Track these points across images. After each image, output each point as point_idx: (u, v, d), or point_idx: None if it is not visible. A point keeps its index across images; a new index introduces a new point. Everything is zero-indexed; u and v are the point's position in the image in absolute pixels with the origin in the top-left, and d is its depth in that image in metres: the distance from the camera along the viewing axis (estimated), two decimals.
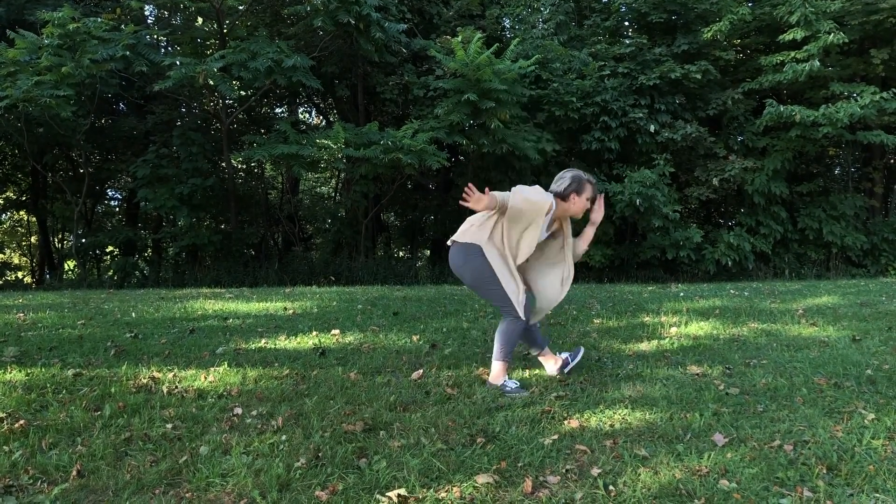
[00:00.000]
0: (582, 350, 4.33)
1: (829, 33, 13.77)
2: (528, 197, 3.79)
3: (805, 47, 14.07)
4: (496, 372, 4.02)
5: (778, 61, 14.54)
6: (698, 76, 14.85)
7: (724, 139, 15.82)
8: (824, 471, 2.75)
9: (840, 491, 2.58)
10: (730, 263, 14.75)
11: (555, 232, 4.24)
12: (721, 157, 15.48)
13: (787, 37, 14.24)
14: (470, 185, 3.66)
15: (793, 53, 14.27)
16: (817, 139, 14.39)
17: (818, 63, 13.69)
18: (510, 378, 4.09)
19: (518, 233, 3.93)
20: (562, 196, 4.08)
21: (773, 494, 2.56)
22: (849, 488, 2.60)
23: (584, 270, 15.73)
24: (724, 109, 15.58)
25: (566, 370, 4.28)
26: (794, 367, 4.42)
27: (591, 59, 15.75)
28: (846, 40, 13.80)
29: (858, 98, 13.95)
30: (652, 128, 15.07)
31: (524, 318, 4.01)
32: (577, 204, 4.09)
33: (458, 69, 13.20)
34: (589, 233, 4.21)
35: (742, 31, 16.08)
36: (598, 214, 4.22)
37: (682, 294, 8.78)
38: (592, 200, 4.16)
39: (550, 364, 4.35)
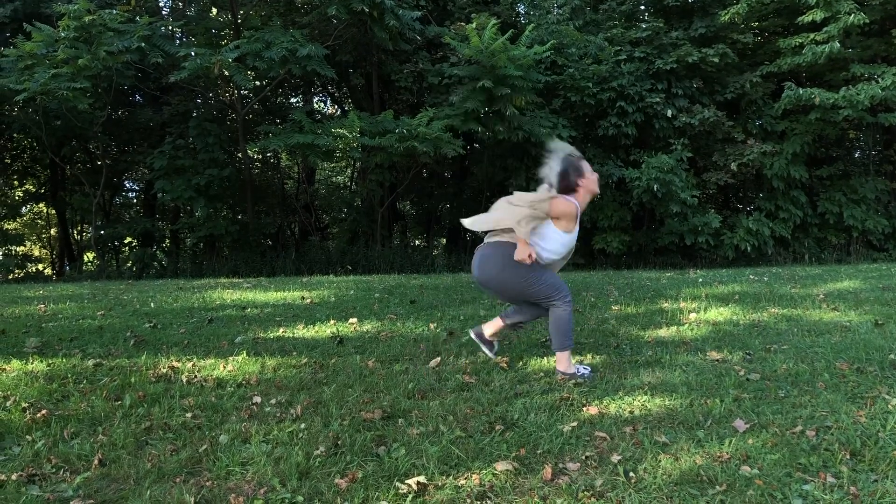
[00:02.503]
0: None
1: (850, 14, 13.53)
2: (565, 211, 3.84)
3: (825, 28, 13.85)
4: (565, 362, 3.95)
5: (797, 43, 14.33)
6: (716, 60, 14.67)
7: (742, 123, 15.64)
8: (848, 456, 2.71)
9: (864, 477, 2.54)
10: (749, 249, 14.62)
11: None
12: (739, 141, 15.31)
13: (807, 18, 14.02)
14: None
15: (812, 35, 14.05)
16: (837, 122, 14.19)
17: (838, 44, 13.47)
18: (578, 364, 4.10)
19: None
20: (573, 189, 3.96)
21: (796, 480, 2.53)
22: (873, 474, 2.56)
23: (601, 257, 15.66)
24: (743, 93, 15.39)
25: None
26: (816, 353, 4.37)
27: (606, 44, 15.60)
28: (867, 21, 13.56)
29: (880, 79, 13.70)
30: (669, 112, 14.93)
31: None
32: (589, 185, 3.99)
33: (472, 56, 13.13)
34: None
35: (760, 13, 15.84)
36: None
37: (700, 280, 8.72)
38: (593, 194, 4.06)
39: (491, 340, 4.35)
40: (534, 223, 3.82)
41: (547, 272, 3.95)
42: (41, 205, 21.19)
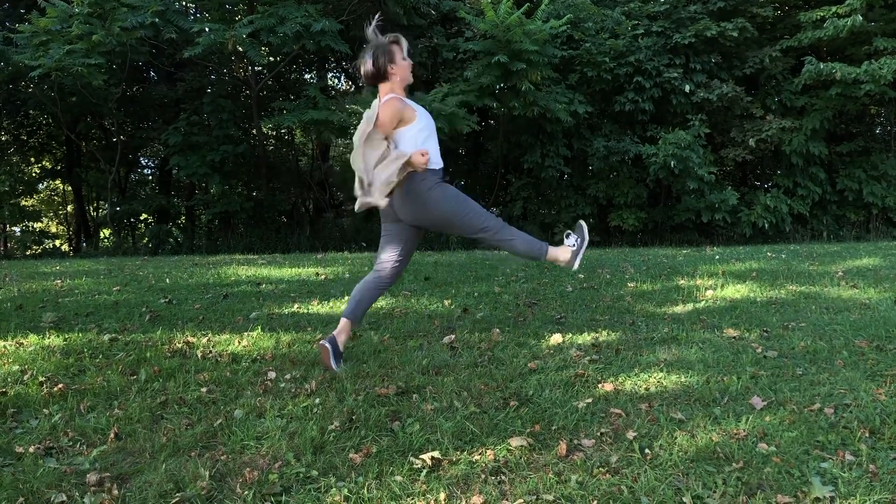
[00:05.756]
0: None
1: None
2: (393, 113, 3.54)
3: (847, 1, 13.56)
4: (561, 253, 3.80)
5: (818, 17, 14.06)
6: (735, 34, 14.43)
7: (761, 99, 15.41)
8: (867, 434, 2.68)
9: (883, 455, 2.51)
10: (766, 226, 14.49)
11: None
12: (758, 117, 15.10)
13: None
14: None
15: (834, 8, 13.78)
16: (858, 97, 13.95)
17: (861, 18, 13.21)
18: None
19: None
20: (385, 78, 3.60)
21: (814, 458, 2.50)
22: (892, 452, 2.53)
23: (616, 234, 15.59)
24: (762, 68, 15.14)
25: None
26: (834, 330, 4.33)
27: (624, 18, 15.39)
28: None
29: None
30: (687, 88, 14.73)
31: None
32: (402, 71, 3.62)
33: (488, 30, 13.00)
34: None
35: None
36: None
37: (717, 257, 8.65)
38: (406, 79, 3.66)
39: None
40: (384, 144, 3.51)
41: (450, 187, 3.71)
42: (57, 181, 21.29)
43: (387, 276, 3.84)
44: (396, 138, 3.60)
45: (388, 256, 3.84)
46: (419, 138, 3.62)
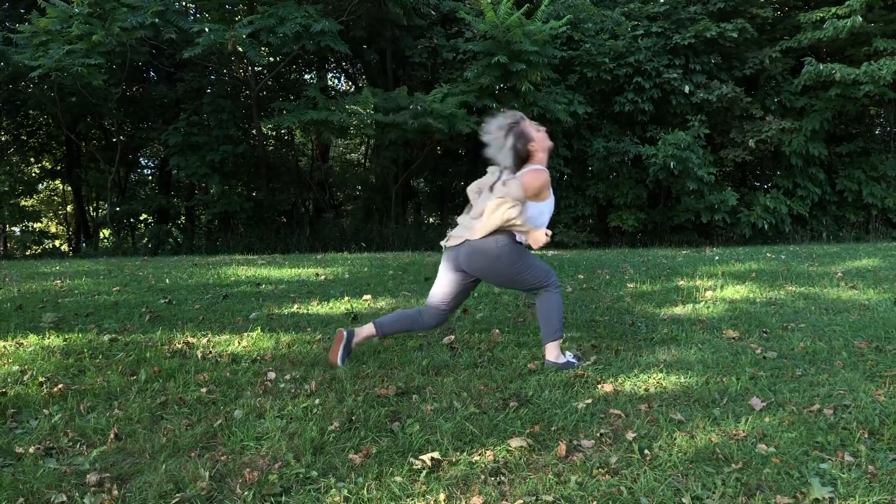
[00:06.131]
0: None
1: None
2: (538, 184, 3.63)
3: (847, 2, 13.59)
4: (555, 351, 3.70)
5: (818, 18, 14.07)
6: (734, 35, 14.44)
7: (760, 99, 15.42)
8: (866, 435, 2.68)
9: (882, 456, 2.51)
10: (766, 227, 14.50)
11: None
12: (758, 117, 15.11)
13: None
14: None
15: (834, 9, 13.79)
16: (858, 98, 13.97)
17: (860, 18, 13.22)
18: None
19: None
20: (528, 158, 3.68)
21: (813, 459, 2.50)
22: (891, 453, 2.54)
23: (616, 235, 15.59)
24: (762, 69, 15.16)
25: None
26: (834, 331, 4.33)
27: (623, 19, 15.41)
28: None
29: None
30: (686, 88, 14.75)
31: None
32: (542, 143, 3.68)
33: (487, 31, 13.01)
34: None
35: None
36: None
37: (717, 258, 8.65)
38: (547, 151, 3.72)
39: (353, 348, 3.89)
40: (518, 208, 3.55)
41: (534, 257, 3.75)
42: (57, 181, 21.29)
43: (429, 318, 3.81)
44: (526, 206, 3.62)
45: (438, 301, 3.80)
46: (541, 219, 3.68)
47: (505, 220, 3.49)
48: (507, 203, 3.50)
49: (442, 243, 3.82)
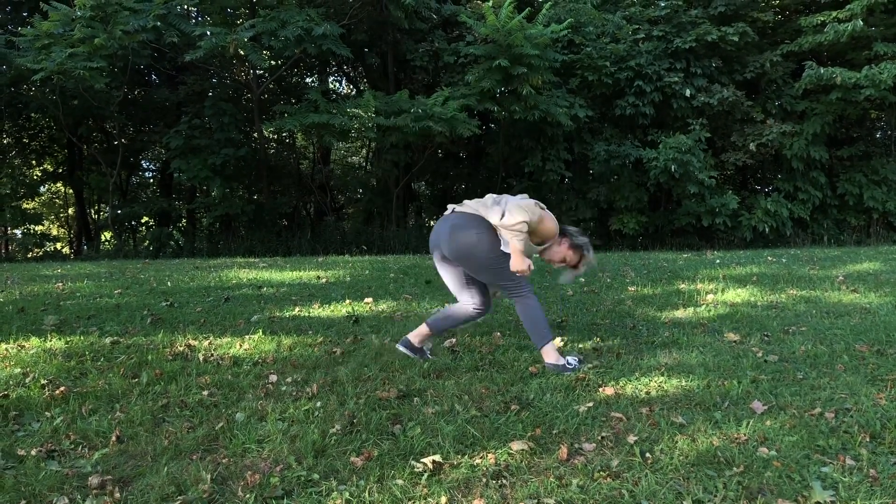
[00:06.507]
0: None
1: None
2: (550, 233, 3.76)
3: (847, 6, 13.60)
4: (552, 354, 3.71)
5: (818, 22, 14.09)
6: (735, 38, 14.46)
7: (761, 103, 15.44)
8: (867, 439, 2.68)
9: (884, 459, 2.51)
10: (767, 230, 14.49)
11: None
12: (758, 121, 15.12)
13: None
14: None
15: (834, 13, 13.81)
16: (859, 102, 13.97)
17: (861, 22, 13.24)
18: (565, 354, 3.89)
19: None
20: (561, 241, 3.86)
21: (814, 462, 2.50)
22: (893, 457, 2.53)
23: (617, 238, 15.59)
24: (762, 72, 15.17)
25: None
26: (835, 335, 4.33)
27: (624, 23, 15.43)
28: None
29: None
30: (687, 92, 14.76)
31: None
32: (566, 252, 3.84)
33: (489, 35, 13.02)
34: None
35: None
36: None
37: (718, 261, 8.65)
38: (564, 261, 3.87)
39: (421, 346, 4.00)
40: (534, 248, 3.73)
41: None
42: (59, 184, 21.34)
43: (472, 310, 3.92)
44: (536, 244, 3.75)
45: (461, 295, 3.94)
46: (528, 246, 3.71)
47: (515, 221, 3.51)
48: (528, 216, 3.54)
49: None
